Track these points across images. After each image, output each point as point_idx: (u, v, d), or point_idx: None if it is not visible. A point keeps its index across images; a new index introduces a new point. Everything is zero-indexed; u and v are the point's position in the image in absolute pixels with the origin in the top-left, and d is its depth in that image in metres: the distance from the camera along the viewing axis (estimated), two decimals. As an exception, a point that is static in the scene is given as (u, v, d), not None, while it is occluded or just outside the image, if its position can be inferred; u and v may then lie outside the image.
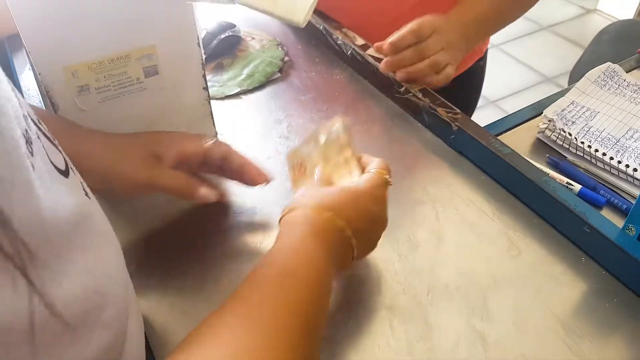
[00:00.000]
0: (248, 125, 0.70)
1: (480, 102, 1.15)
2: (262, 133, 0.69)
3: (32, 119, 0.26)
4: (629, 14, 2.74)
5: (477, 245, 0.52)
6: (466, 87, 0.97)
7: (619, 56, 1.18)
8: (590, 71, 0.71)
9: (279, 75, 0.81)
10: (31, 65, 0.59)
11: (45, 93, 0.53)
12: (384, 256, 0.50)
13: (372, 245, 0.46)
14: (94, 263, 0.26)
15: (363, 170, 0.47)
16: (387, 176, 0.46)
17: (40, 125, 0.28)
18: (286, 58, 0.84)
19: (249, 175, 0.53)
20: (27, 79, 0.77)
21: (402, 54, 0.67)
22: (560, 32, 2.72)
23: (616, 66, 0.72)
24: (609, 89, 0.69)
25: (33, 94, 0.74)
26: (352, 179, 0.46)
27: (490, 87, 2.33)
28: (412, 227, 0.54)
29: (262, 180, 0.54)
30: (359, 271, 0.49)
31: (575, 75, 1.25)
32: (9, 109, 0.22)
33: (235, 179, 0.55)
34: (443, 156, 0.64)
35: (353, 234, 0.40)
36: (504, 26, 0.81)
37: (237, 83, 0.78)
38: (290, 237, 0.39)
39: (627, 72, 0.78)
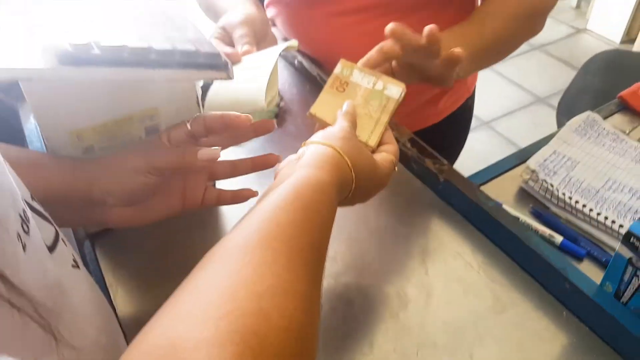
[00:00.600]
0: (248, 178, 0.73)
1: (473, 123, 1.18)
2: (258, 182, 0.72)
3: (26, 201, 0.29)
4: (618, 34, 2.79)
5: (464, 300, 0.55)
6: (455, 126, 1.00)
7: (606, 88, 1.22)
8: (571, 119, 0.75)
9: (275, 120, 0.84)
10: (37, 125, 0.62)
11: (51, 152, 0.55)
12: (375, 314, 0.53)
13: (366, 196, 0.51)
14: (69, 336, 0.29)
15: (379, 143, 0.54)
16: (395, 165, 0.53)
17: (32, 203, 0.31)
18: (282, 104, 0.87)
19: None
20: (31, 128, 0.80)
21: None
22: (552, 51, 2.77)
23: (596, 115, 0.76)
24: (589, 137, 0.73)
25: (37, 145, 0.77)
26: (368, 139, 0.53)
27: (483, 107, 2.37)
28: (402, 282, 0.57)
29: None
30: (351, 331, 0.52)
31: (563, 106, 1.29)
32: (7, 198, 0.25)
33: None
34: (432, 205, 0.67)
35: (354, 171, 0.46)
36: (502, 56, 0.81)
37: (235, 131, 0.81)
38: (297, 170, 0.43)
39: (608, 116, 0.82)
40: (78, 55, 0.41)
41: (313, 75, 0.89)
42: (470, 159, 1.31)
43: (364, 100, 0.56)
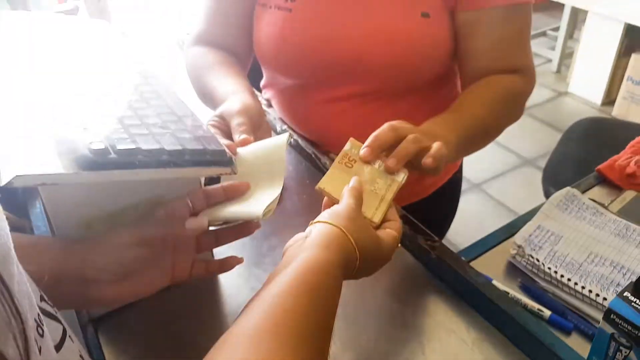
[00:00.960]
0: (242, 253, 0.76)
1: (464, 186, 1.22)
2: (256, 261, 0.75)
3: (38, 305, 0.32)
4: (598, 96, 2.91)
5: (458, 377, 0.57)
6: (445, 198, 1.04)
7: (587, 157, 1.28)
8: (553, 195, 0.79)
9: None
10: (45, 214, 0.65)
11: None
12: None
13: (370, 272, 0.54)
14: None
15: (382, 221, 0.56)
16: (398, 242, 0.55)
17: (42, 305, 0.33)
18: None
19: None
20: (37, 213, 0.83)
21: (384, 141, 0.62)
22: (536, 114, 2.88)
23: (575, 190, 0.80)
24: (570, 212, 0.77)
25: (44, 229, 0.80)
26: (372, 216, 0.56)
27: (473, 170, 2.44)
28: (400, 362, 0.59)
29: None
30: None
31: (548, 174, 1.34)
32: (27, 305, 0.27)
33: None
34: (425, 281, 0.70)
35: (358, 250, 0.48)
36: (488, 140, 0.86)
37: (234, 210, 0.85)
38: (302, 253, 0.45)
39: (588, 189, 0.86)
40: (96, 160, 0.45)
41: (308, 152, 0.93)
42: (463, 223, 1.35)
43: (370, 178, 0.59)
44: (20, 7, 1.11)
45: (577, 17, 3.17)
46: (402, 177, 0.60)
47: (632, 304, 0.48)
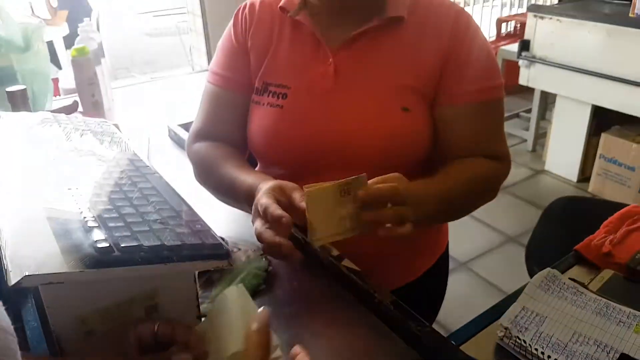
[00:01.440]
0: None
1: (451, 265, 1.25)
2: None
3: None
4: (574, 174, 3.02)
5: None
6: (433, 280, 1.07)
7: (566, 235, 1.32)
8: (534, 277, 0.82)
9: (264, 287, 0.89)
10: (37, 310, 0.66)
11: (55, 339, 0.58)
12: None
13: None
14: None
15: None
16: None
17: None
18: (270, 268, 0.93)
19: None
20: (28, 308, 0.83)
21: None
22: (516, 192, 2.97)
23: (555, 271, 0.84)
24: (552, 292, 0.80)
25: (34, 324, 0.79)
26: None
27: (459, 249, 2.48)
28: None
29: None
30: None
31: (531, 253, 1.38)
32: None
33: None
34: (417, 367, 0.71)
35: None
36: (460, 212, 0.94)
37: (226, 299, 0.86)
38: None
39: (568, 268, 0.90)
40: (101, 259, 0.48)
41: (298, 238, 0.96)
42: (453, 303, 1.37)
43: (347, 214, 0.71)
44: (22, 105, 1.17)
45: (547, 99, 3.35)
46: (364, 231, 0.69)
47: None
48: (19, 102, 1.15)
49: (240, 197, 0.86)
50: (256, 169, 1.08)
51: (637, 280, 0.84)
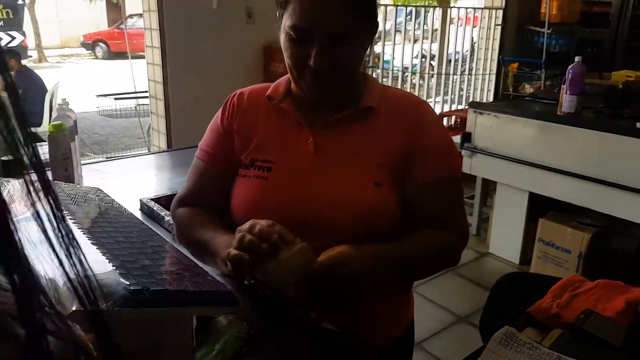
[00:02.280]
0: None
1: None
2: None
3: None
4: (516, 256, 3.22)
5: None
6: (402, 349, 1.15)
7: (514, 308, 1.43)
8: (494, 334, 0.92)
9: (246, 349, 0.94)
10: None
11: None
12: None
13: None
14: None
15: None
16: None
17: None
18: (251, 331, 0.98)
19: None
20: None
21: None
22: (464, 274, 3.11)
23: (512, 329, 0.94)
24: (511, 347, 0.89)
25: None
26: None
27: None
28: None
29: None
30: None
31: (484, 325, 1.48)
32: None
33: None
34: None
35: None
36: (421, 273, 1.06)
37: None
38: None
39: (522, 329, 1.00)
40: (135, 299, 0.54)
41: (277, 305, 1.02)
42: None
43: None
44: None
45: (489, 186, 3.61)
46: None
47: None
48: None
49: (219, 251, 0.94)
50: None
51: (582, 337, 0.95)
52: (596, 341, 0.94)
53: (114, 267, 0.59)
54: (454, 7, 5.60)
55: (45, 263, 0.31)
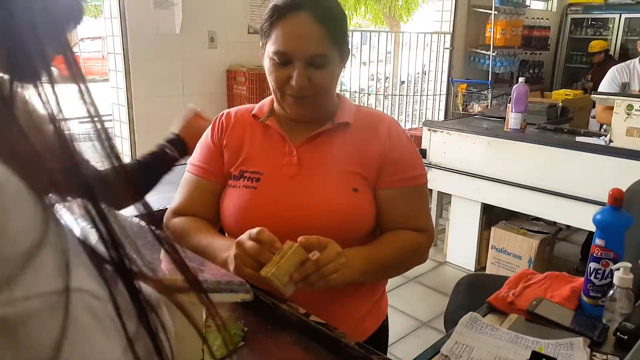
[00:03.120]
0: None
1: None
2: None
3: None
4: (471, 264, 3.41)
5: None
6: (378, 345, 1.26)
7: (474, 302, 1.58)
8: (461, 319, 1.05)
9: (242, 343, 1.03)
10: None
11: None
12: None
13: None
14: None
15: None
16: None
17: None
18: (245, 328, 1.08)
19: None
20: None
21: None
22: (424, 282, 3.27)
23: (476, 314, 1.08)
24: (475, 330, 1.03)
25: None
26: None
27: (379, 335, 2.67)
28: None
29: None
30: None
31: (448, 320, 1.63)
32: None
33: None
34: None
35: None
36: (396, 270, 1.19)
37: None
38: None
39: (483, 316, 1.14)
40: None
41: (267, 303, 1.12)
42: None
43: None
44: None
45: (444, 199, 3.81)
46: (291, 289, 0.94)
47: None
48: None
49: (219, 252, 1.04)
50: None
51: (534, 321, 1.10)
52: (547, 323, 1.09)
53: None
54: (405, 32, 5.89)
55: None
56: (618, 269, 1.08)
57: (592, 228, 1.16)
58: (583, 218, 2.72)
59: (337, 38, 1.08)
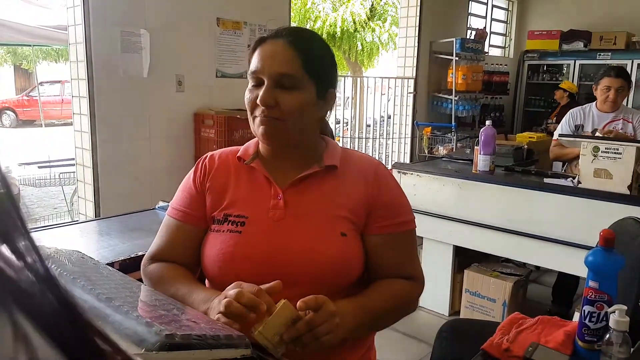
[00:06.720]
0: None
1: None
2: None
3: None
4: (445, 308, 3.37)
5: None
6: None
7: (461, 350, 1.54)
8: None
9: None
10: None
11: None
12: None
13: None
14: None
15: None
16: None
17: None
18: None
19: None
20: None
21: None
22: (399, 328, 3.20)
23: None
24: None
25: None
26: None
27: None
28: None
29: None
30: None
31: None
32: None
33: None
34: None
35: None
36: (387, 323, 1.14)
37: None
38: None
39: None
40: (168, 342, 0.58)
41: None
42: None
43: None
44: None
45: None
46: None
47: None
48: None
49: (196, 304, 0.96)
50: None
51: (533, 367, 1.07)
52: (545, 369, 1.06)
53: (136, 317, 0.62)
54: (369, 76, 6.02)
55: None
56: (614, 312, 1.06)
57: (562, 269, 1.15)
58: (553, 259, 2.74)
59: (313, 68, 1.06)
